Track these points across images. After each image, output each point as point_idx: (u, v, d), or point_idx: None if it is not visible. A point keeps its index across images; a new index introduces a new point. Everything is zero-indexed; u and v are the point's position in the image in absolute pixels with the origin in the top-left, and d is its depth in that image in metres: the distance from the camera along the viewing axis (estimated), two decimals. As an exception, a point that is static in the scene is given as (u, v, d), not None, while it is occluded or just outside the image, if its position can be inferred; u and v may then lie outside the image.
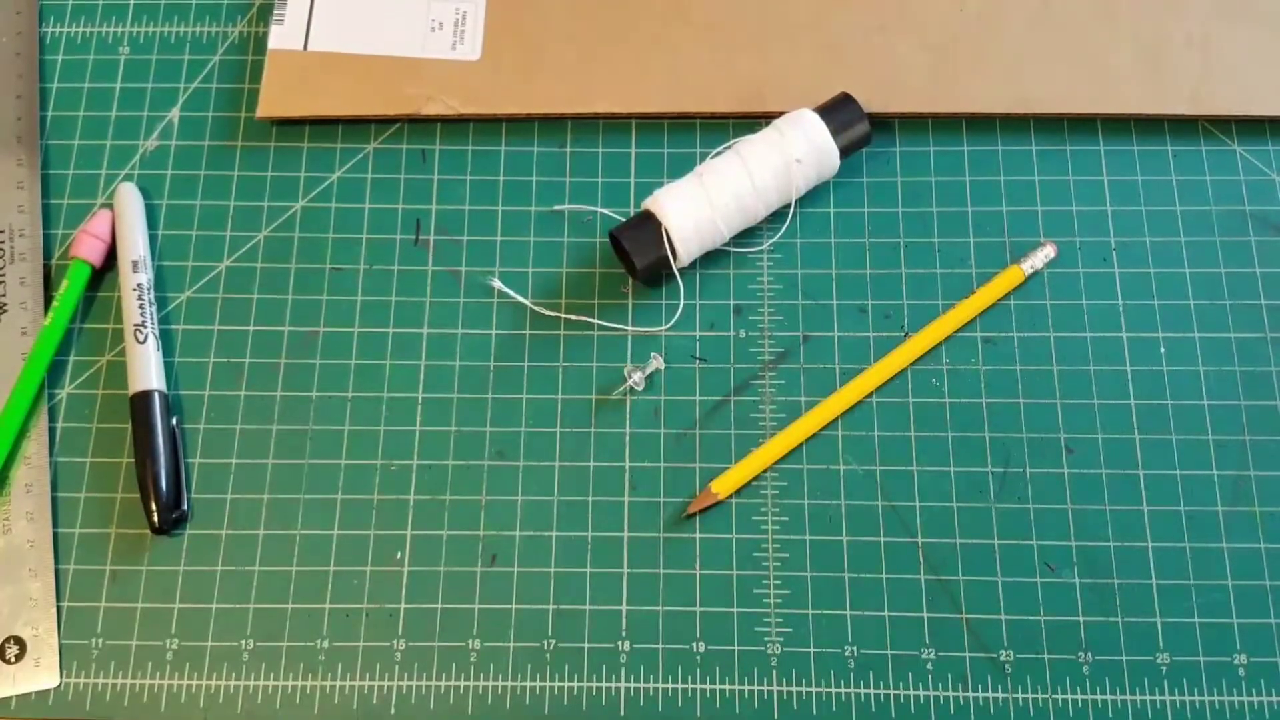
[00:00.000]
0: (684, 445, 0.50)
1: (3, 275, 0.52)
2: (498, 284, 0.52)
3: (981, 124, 0.55)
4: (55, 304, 0.51)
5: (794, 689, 0.46)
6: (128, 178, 0.55)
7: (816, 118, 0.51)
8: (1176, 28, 0.55)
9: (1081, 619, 0.47)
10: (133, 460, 0.49)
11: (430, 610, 0.48)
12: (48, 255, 0.53)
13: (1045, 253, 0.52)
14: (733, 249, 0.53)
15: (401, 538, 0.49)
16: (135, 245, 0.52)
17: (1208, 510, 0.48)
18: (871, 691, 0.46)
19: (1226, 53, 0.54)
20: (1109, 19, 0.55)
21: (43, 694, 0.47)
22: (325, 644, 0.47)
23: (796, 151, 0.51)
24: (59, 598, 0.48)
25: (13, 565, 0.48)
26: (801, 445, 0.49)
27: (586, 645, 0.47)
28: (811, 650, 0.47)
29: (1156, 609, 0.47)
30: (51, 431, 0.50)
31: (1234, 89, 0.54)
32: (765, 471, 0.49)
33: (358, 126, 0.55)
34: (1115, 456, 0.49)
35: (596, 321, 0.52)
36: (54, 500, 0.49)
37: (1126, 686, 0.46)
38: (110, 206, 0.54)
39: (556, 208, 0.54)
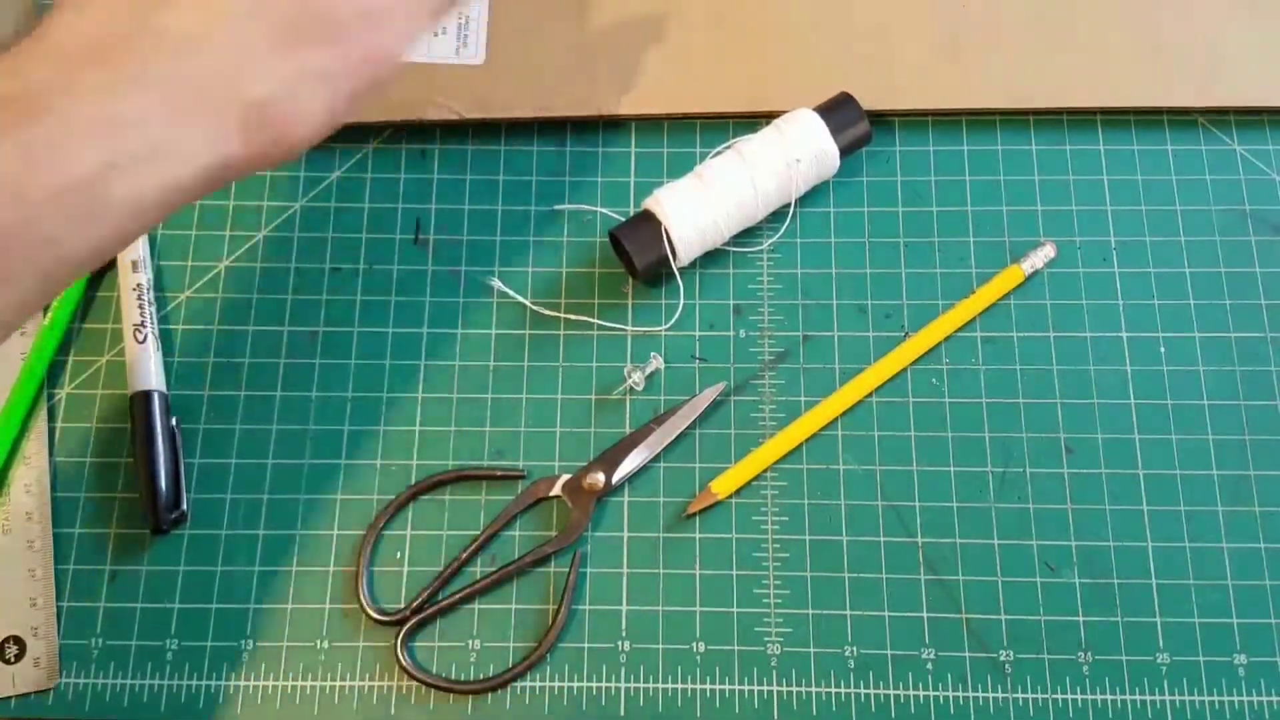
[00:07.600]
0: (684, 445, 0.50)
1: (2, 275, 0.52)
2: (497, 284, 0.52)
3: (981, 123, 0.55)
4: (54, 304, 0.51)
5: (794, 689, 0.46)
6: (127, 177, 0.55)
7: (816, 117, 0.51)
8: (1178, 22, 0.55)
9: (1081, 619, 0.47)
10: (132, 460, 0.49)
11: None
12: (47, 255, 0.53)
13: (1045, 252, 0.52)
14: (733, 249, 0.53)
15: (402, 538, 0.49)
16: (134, 245, 0.52)
17: (1208, 510, 0.48)
18: (871, 691, 0.46)
19: (1230, 46, 0.54)
20: (1110, 15, 0.55)
21: (42, 694, 0.47)
22: (325, 644, 0.47)
23: (796, 151, 0.50)
24: (59, 598, 0.48)
25: (12, 565, 0.48)
26: (801, 445, 0.49)
27: (586, 645, 0.47)
28: (811, 650, 0.47)
29: (1156, 609, 0.47)
30: (51, 431, 0.50)
31: (1237, 82, 0.53)
32: (765, 471, 0.49)
33: (357, 126, 0.55)
34: (1115, 456, 0.49)
35: (596, 321, 0.52)
36: (54, 500, 0.49)
37: (1126, 686, 0.46)
38: (110, 206, 0.53)
39: (556, 207, 0.54)
